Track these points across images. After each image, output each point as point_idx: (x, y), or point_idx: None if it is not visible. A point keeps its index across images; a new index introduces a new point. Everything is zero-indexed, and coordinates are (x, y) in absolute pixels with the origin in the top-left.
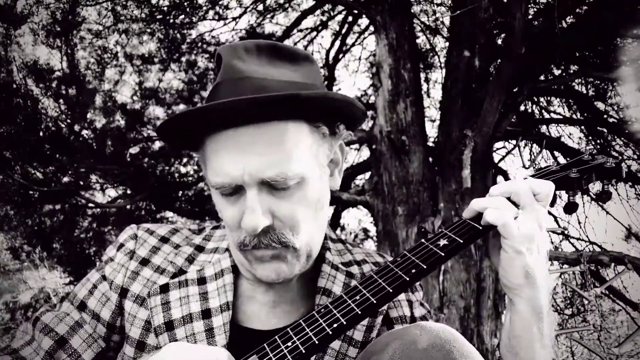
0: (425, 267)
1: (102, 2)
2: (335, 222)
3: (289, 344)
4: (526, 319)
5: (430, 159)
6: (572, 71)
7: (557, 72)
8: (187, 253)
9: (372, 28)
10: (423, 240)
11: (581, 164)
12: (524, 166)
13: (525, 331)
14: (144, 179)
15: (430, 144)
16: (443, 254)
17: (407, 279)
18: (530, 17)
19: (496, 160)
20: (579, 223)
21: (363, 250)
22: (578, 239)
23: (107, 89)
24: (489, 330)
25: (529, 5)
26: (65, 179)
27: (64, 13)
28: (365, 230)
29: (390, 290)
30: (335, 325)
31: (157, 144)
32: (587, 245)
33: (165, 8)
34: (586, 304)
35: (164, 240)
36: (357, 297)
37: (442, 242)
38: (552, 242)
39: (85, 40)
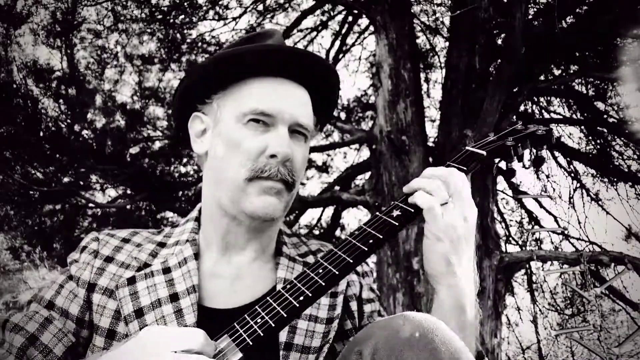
0: (381, 236)
1: (102, 2)
2: (335, 222)
3: (258, 319)
4: (447, 308)
5: (430, 159)
6: (572, 71)
7: (557, 72)
8: (150, 249)
9: (372, 28)
10: (377, 212)
11: (515, 133)
12: (524, 166)
13: (445, 320)
14: (144, 179)
15: (430, 144)
16: (397, 224)
17: (366, 249)
18: (530, 17)
19: (496, 161)
20: (579, 223)
21: (318, 241)
22: (578, 239)
23: (107, 89)
24: (488, 330)
25: (529, 5)
26: (65, 179)
27: (64, 13)
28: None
29: (351, 261)
30: (301, 297)
31: (157, 144)
32: (587, 245)
33: (165, 8)
34: (586, 304)
35: (125, 240)
36: (320, 270)
37: (395, 212)
38: (552, 242)
39: (85, 40)
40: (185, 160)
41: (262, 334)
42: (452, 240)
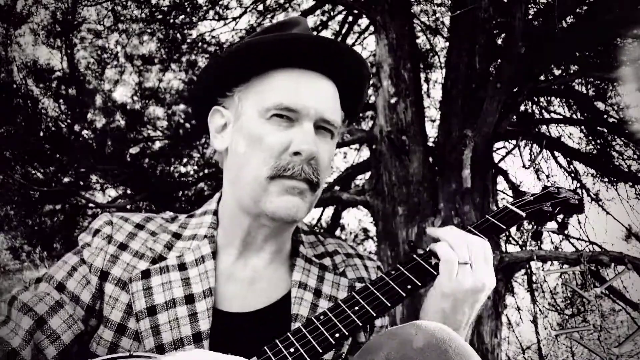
0: (419, 284)
1: (102, 2)
2: (335, 222)
3: (292, 350)
4: None
5: (430, 159)
6: (572, 71)
7: (557, 72)
8: (165, 240)
9: (372, 28)
10: (415, 255)
11: (552, 198)
12: (524, 166)
13: None
14: (144, 179)
15: (430, 144)
16: (435, 273)
17: (404, 294)
18: (530, 17)
19: (496, 160)
20: (579, 223)
21: (334, 240)
22: (578, 239)
23: (107, 89)
24: (489, 330)
25: (529, 5)
26: (65, 179)
27: (64, 13)
28: (365, 230)
29: (389, 305)
30: (337, 335)
31: (157, 144)
32: (587, 245)
33: (165, 8)
34: (586, 304)
35: (139, 227)
36: (357, 308)
37: (434, 260)
38: (552, 242)
39: (85, 40)
40: (185, 160)
41: None
42: (455, 303)
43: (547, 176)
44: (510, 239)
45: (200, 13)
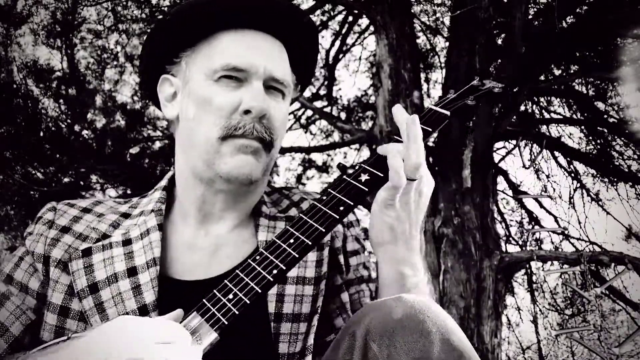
0: (352, 203)
1: (102, 2)
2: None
3: (231, 296)
4: (386, 277)
5: (431, 159)
6: (572, 71)
7: (557, 72)
8: (112, 220)
9: (372, 28)
10: (344, 176)
11: (475, 91)
12: (524, 166)
13: (385, 289)
14: (144, 179)
15: (430, 144)
16: (367, 189)
17: (337, 216)
18: (530, 17)
19: (496, 160)
20: (579, 223)
21: (302, 190)
22: (578, 239)
23: (107, 89)
24: (489, 330)
25: (529, 5)
26: (65, 179)
27: (64, 13)
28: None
29: (323, 230)
30: (275, 271)
31: (157, 144)
32: (587, 245)
33: (165, 8)
34: (586, 304)
35: (86, 210)
36: (292, 241)
37: (364, 177)
38: (552, 242)
39: (85, 40)
40: None
41: (237, 312)
42: (399, 214)
43: (547, 176)
44: (511, 239)
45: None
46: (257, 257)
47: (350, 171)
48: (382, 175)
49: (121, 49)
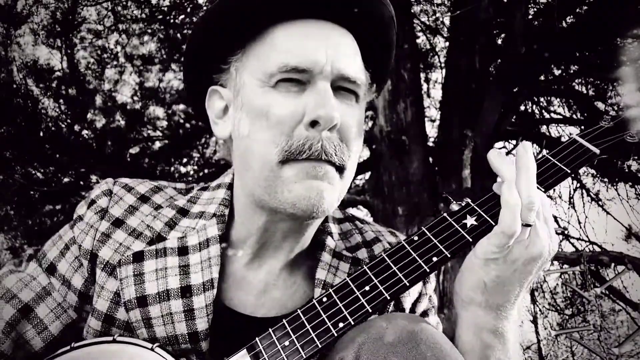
0: (448, 254)
1: (102, 2)
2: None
3: (287, 343)
4: (465, 342)
5: (430, 159)
6: (572, 71)
7: (557, 72)
8: (168, 217)
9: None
10: (446, 215)
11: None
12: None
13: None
14: (144, 178)
15: (430, 144)
16: (470, 239)
17: (427, 269)
18: (530, 17)
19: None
20: (579, 223)
21: (375, 227)
22: (578, 239)
23: (107, 89)
24: None
25: (529, 5)
26: (65, 179)
27: (64, 13)
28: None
29: (407, 284)
30: (341, 324)
31: (157, 144)
32: (587, 245)
33: (165, 8)
34: (586, 304)
35: (144, 199)
36: (367, 289)
37: (470, 220)
38: None
39: (85, 40)
40: (185, 160)
41: None
42: (500, 274)
43: None
44: None
45: (200, 13)
46: (325, 300)
47: (454, 208)
48: (492, 222)
49: (121, 49)
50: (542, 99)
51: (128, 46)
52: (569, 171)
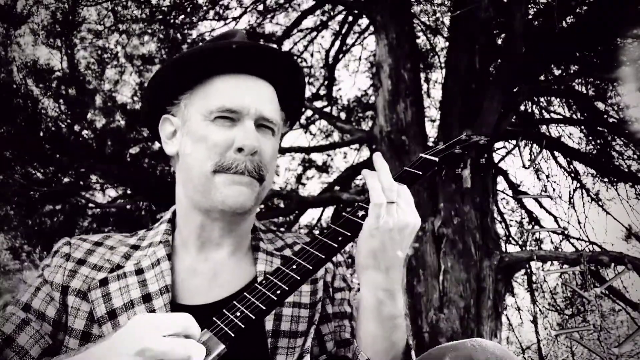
0: (349, 234)
1: (102, 2)
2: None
3: (238, 313)
4: (365, 301)
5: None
6: (572, 71)
7: (557, 72)
8: (123, 252)
9: (372, 28)
10: (344, 213)
11: (461, 143)
12: (524, 166)
13: (365, 314)
14: (144, 179)
15: (430, 143)
16: (362, 222)
17: (335, 245)
18: (530, 17)
19: (496, 160)
20: (579, 223)
21: (293, 234)
22: (578, 239)
23: (107, 89)
24: (488, 330)
25: (529, 5)
26: (65, 179)
27: (64, 13)
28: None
29: (323, 256)
30: (279, 291)
31: (157, 144)
32: (587, 245)
33: (165, 8)
34: (586, 304)
35: (98, 244)
36: (295, 267)
37: (361, 212)
38: (552, 242)
39: (85, 40)
40: None
41: (242, 326)
42: (383, 240)
43: (547, 176)
44: (511, 239)
45: (200, 13)
46: (264, 282)
47: (349, 209)
48: None
49: (121, 49)
50: (542, 99)
51: (128, 46)
52: (420, 173)
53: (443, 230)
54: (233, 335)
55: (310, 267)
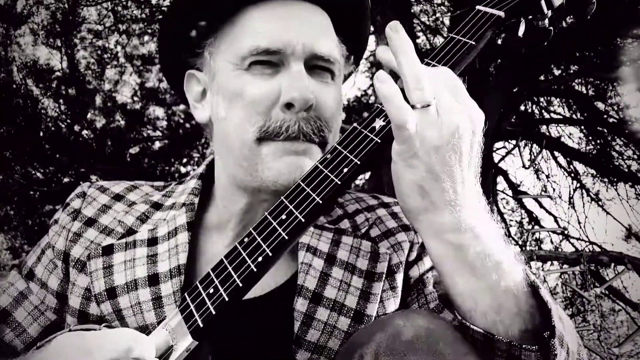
0: (358, 162)
1: (102, 2)
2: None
3: (211, 290)
4: (441, 262)
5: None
6: (572, 71)
7: (557, 72)
8: (141, 211)
9: (372, 28)
10: (355, 124)
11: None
12: (524, 166)
13: (452, 283)
14: (144, 179)
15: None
16: (379, 140)
17: (338, 182)
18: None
19: (496, 160)
20: (579, 223)
21: (355, 196)
22: (578, 239)
23: (107, 89)
24: None
25: None
26: (65, 179)
27: (63, 13)
28: None
29: (320, 202)
30: (260, 258)
31: (157, 144)
32: (587, 245)
33: (165, 8)
34: (586, 304)
35: (118, 197)
36: (284, 217)
37: (378, 122)
38: (552, 242)
39: (85, 41)
40: (185, 160)
41: (214, 312)
42: (429, 168)
43: (547, 176)
44: (511, 239)
45: None
46: (245, 239)
47: (366, 114)
48: None
49: (121, 49)
50: (542, 99)
51: (128, 46)
52: (472, 42)
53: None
54: (202, 325)
55: (303, 220)
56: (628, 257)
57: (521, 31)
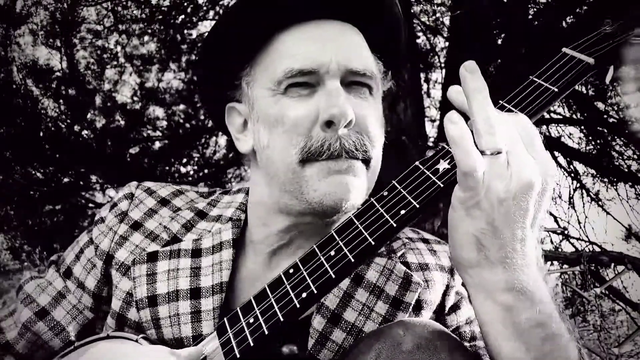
0: (417, 205)
1: (102, 2)
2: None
3: (251, 319)
4: (489, 323)
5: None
6: None
7: None
8: (186, 219)
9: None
10: (417, 163)
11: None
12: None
13: (497, 349)
14: (143, 179)
15: (430, 143)
16: (441, 184)
17: (394, 224)
18: (530, 17)
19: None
20: (579, 223)
21: (408, 233)
22: (578, 239)
23: (107, 89)
24: None
25: (529, 5)
26: (65, 179)
27: (63, 13)
28: None
29: (372, 242)
30: (304, 294)
31: (157, 144)
32: (587, 245)
33: (165, 8)
34: (586, 304)
35: (164, 202)
36: (332, 253)
37: (443, 165)
38: (552, 242)
39: (85, 41)
40: (185, 160)
41: (252, 343)
42: (491, 220)
43: None
44: None
45: (200, 13)
46: (291, 271)
47: (429, 154)
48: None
49: (121, 49)
50: None
51: (128, 46)
52: (556, 90)
53: (443, 230)
54: (239, 355)
55: (352, 260)
56: (628, 257)
57: (609, 78)
